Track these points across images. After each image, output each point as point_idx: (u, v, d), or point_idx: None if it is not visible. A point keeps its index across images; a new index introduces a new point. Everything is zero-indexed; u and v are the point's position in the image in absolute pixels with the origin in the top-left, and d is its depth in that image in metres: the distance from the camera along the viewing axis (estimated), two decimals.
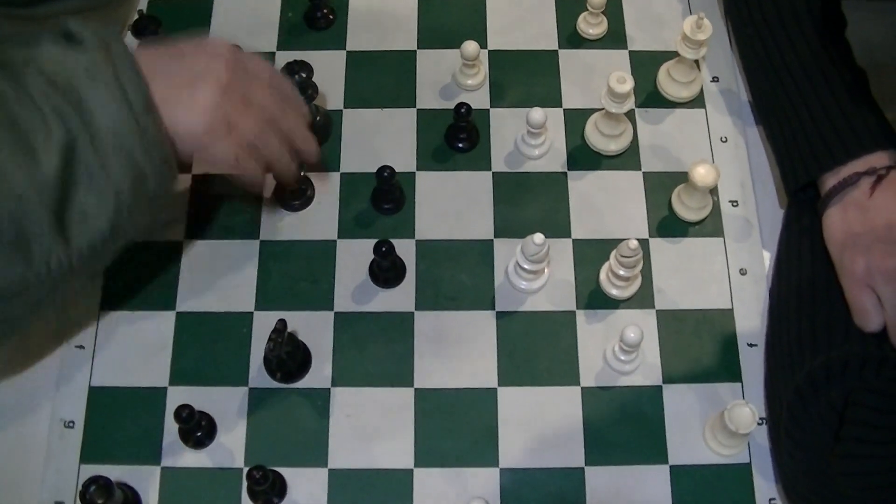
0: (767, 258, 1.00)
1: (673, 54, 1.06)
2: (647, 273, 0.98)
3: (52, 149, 0.71)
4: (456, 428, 0.92)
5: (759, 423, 0.90)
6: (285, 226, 1.01)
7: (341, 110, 1.07)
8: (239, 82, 0.83)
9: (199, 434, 0.90)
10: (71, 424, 0.92)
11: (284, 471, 0.89)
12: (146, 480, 0.89)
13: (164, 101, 0.77)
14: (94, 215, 0.74)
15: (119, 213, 0.76)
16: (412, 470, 0.90)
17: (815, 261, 0.93)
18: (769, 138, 1.02)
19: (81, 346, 0.95)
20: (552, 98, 1.08)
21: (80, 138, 0.72)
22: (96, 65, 0.73)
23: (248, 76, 0.85)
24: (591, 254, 0.99)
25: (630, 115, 1.05)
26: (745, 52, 1.06)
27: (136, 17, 1.04)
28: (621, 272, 0.94)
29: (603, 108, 1.00)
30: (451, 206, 1.02)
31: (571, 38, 1.12)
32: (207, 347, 0.95)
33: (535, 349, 0.95)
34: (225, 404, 0.93)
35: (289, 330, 0.88)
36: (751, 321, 0.97)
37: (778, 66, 0.99)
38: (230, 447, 0.91)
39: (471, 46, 1.02)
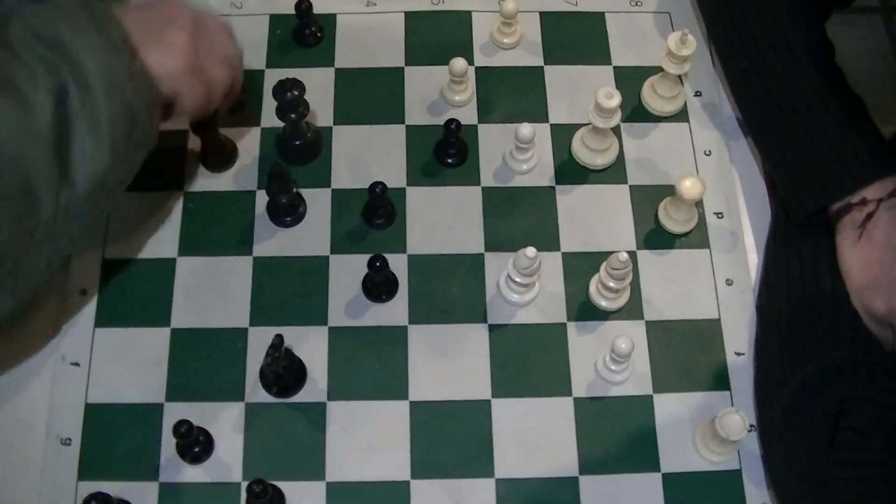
0: (754, 268, 1.02)
1: (656, 70, 1.08)
2: (635, 285, 1.00)
3: (45, 97, 0.74)
4: (451, 439, 0.93)
5: (748, 430, 0.92)
6: (278, 242, 1.01)
7: (331, 127, 1.08)
8: (203, 30, 0.89)
9: (196, 449, 0.90)
10: (68, 441, 0.92)
11: (282, 485, 0.89)
12: (145, 496, 0.90)
13: (141, 45, 0.81)
14: (92, 157, 0.78)
15: (115, 154, 0.79)
16: (409, 482, 0.91)
17: (803, 268, 0.94)
18: (770, 167, 1.03)
19: (77, 363, 0.95)
20: (539, 113, 1.09)
21: (71, 84, 0.75)
22: (76, 14, 0.77)
23: (209, 28, 0.91)
24: (581, 266, 1.01)
25: (615, 130, 1.07)
26: (738, 85, 1.07)
27: None
28: (611, 284, 0.95)
29: (589, 123, 1.02)
30: (442, 220, 1.03)
31: (555, 56, 1.14)
32: (203, 363, 0.96)
33: (528, 361, 0.97)
34: (221, 419, 0.93)
35: (284, 345, 0.89)
36: (738, 330, 0.99)
37: (775, 97, 0.99)
38: (228, 462, 0.91)
39: (459, 63, 1.04)
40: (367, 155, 1.06)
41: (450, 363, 0.96)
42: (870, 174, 0.92)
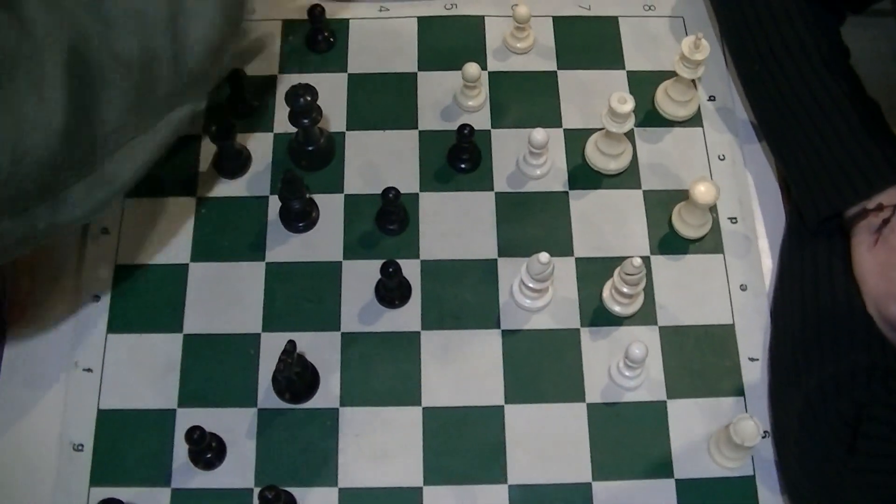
0: (768, 273, 1.01)
1: (669, 74, 1.08)
2: (649, 290, 1.00)
3: None
4: (464, 445, 0.93)
5: (763, 437, 0.91)
6: (290, 247, 1.01)
7: (344, 132, 1.08)
8: None
9: (209, 455, 0.90)
10: (80, 447, 0.92)
11: (295, 491, 0.89)
12: (156, 502, 0.90)
13: None
14: (202, 15, 0.80)
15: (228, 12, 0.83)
16: (421, 488, 0.91)
17: (818, 273, 0.94)
18: (785, 170, 1.02)
19: (89, 370, 0.95)
20: (552, 118, 1.09)
21: None
22: None
23: None
24: (594, 272, 1.01)
25: (629, 135, 1.06)
26: (752, 87, 1.06)
27: None
28: (625, 289, 0.95)
29: (602, 128, 1.02)
30: (455, 226, 1.03)
31: (568, 60, 1.13)
32: (215, 369, 0.96)
33: (541, 366, 0.96)
34: (234, 425, 0.93)
35: (297, 351, 0.89)
36: (752, 336, 0.98)
37: (790, 100, 0.99)
38: (240, 468, 0.91)
39: (472, 68, 1.04)
40: (379, 160, 1.06)
41: (463, 369, 0.96)
42: (886, 179, 0.91)
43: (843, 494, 0.83)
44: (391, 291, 0.97)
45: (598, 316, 0.99)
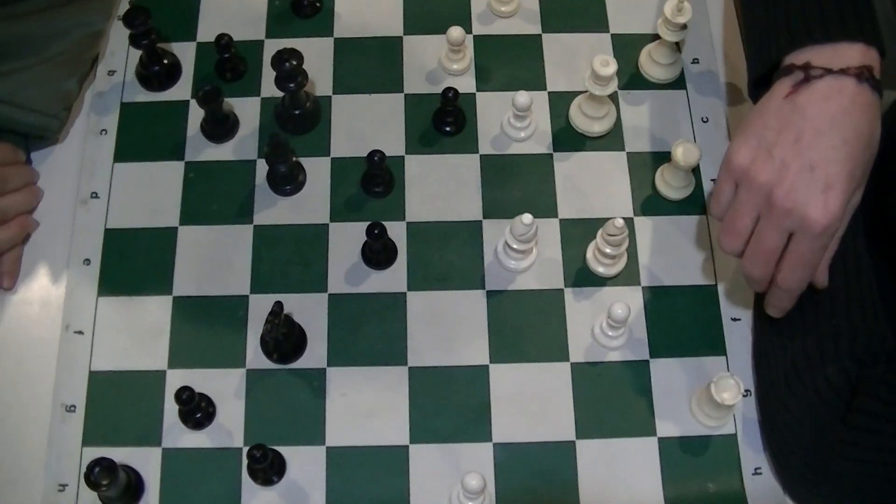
0: None
1: (654, 37, 1.09)
2: (632, 251, 1.01)
3: None
4: (449, 405, 0.94)
5: (744, 395, 0.93)
6: (278, 210, 1.02)
7: (330, 96, 1.08)
8: None
9: (198, 415, 0.92)
10: (72, 408, 0.93)
11: (283, 449, 0.91)
12: (148, 462, 0.91)
13: None
14: None
15: None
16: (407, 446, 0.92)
17: None
18: (743, 25, 0.97)
19: (80, 332, 0.96)
20: (536, 81, 1.10)
21: None
22: None
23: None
24: (578, 233, 1.02)
25: (613, 97, 1.07)
26: None
27: (127, 7, 1.05)
28: (608, 250, 0.96)
29: (586, 91, 1.03)
30: (440, 188, 1.04)
31: (552, 24, 1.14)
32: (204, 331, 0.97)
33: (525, 327, 0.98)
34: (223, 386, 0.94)
35: (284, 312, 0.90)
36: (734, 296, 0.99)
37: None
38: (229, 428, 0.93)
39: (457, 32, 1.04)
40: (365, 124, 1.07)
41: (448, 329, 0.97)
42: (845, 32, 0.82)
43: (830, 462, 0.84)
44: (377, 253, 0.98)
45: (581, 276, 1.00)
